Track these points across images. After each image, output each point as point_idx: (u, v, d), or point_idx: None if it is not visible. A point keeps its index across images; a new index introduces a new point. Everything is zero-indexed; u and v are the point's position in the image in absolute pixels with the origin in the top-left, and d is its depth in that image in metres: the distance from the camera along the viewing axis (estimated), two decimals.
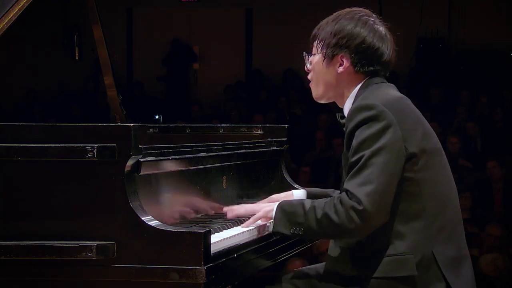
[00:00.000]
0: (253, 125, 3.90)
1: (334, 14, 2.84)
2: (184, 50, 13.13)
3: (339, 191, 2.97)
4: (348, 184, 2.60)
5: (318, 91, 2.88)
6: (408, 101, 2.79)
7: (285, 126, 3.86)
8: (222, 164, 3.27)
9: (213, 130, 3.99)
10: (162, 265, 2.49)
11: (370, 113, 2.61)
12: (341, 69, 2.80)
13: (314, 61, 2.86)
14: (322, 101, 2.92)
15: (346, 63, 2.79)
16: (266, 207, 2.90)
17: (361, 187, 2.56)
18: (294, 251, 3.25)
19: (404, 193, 2.63)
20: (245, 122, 9.48)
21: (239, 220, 3.04)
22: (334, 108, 3.78)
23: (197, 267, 2.46)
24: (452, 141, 9.23)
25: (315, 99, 2.93)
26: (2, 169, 2.58)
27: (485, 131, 9.89)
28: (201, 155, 3.07)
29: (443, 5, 12.25)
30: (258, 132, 3.84)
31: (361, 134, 2.61)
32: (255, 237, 2.90)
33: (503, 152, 9.40)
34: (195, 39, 13.32)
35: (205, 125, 4.31)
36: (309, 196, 3.28)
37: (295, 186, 3.68)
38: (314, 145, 10.11)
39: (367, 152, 2.57)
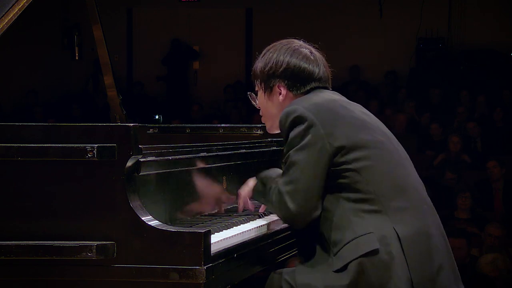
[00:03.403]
0: (253, 125, 3.90)
1: (263, 51, 3.05)
2: (184, 50, 13.12)
3: None
4: (279, 181, 2.82)
5: (270, 123, 3.08)
6: (342, 102, 2.91)
7: None
8: (222, 164, 3.27)
9: (213, 130, 3.99)
10: (162, 265, 2.49)
11: (291, 117, 2.80)
12: (281, 97, 2.99)
13: (259, 97, 3.06)
14: (276, 132, 3.06)
15: (283, 90, 2.98)
16: (251, 182, 3.12)
17: (286, 185, 2.77)
18: (294, 251, 3.24)
19: (348, 183, 2.75)
20: (245, 122, 9.47)
21: (239, 220, 3.04)
22: None
23: (197, 267, 2.46)
24: (454, 140, 9.24)
25: (269, 131, 3.15)
26: (2, 169, 2.59)
27: (485, 131, 9.89)
28: (201, 155, 3.07)
29: (443, 5, 12.24)
30: (258, 132, 3.85)
31: (289, 137, 2.81)
32: (255, 237, 2.90)
33: (503, 152, 9.40)
34: (195, 39, 13.31)
35: (205, 125, 4.31)
36: None
37: None
38: None
39: (291, 152, 2.78)
